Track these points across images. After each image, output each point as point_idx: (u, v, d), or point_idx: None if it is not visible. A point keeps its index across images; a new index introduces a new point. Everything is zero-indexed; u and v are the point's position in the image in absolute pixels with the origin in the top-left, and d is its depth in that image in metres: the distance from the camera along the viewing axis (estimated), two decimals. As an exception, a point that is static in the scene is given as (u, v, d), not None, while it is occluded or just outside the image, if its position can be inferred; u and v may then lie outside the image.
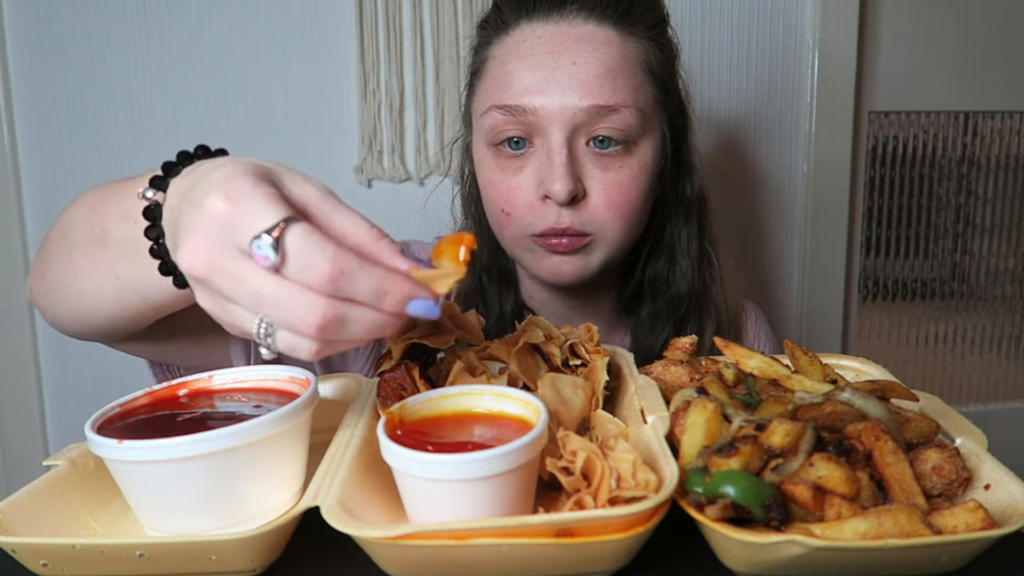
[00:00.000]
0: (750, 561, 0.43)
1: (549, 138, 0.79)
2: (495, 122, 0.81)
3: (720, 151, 1.51)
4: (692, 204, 0.92)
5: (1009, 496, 0.46)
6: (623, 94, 0.79)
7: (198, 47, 1.34)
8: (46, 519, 0.49)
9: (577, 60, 0.78)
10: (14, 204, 1.35)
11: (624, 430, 0.53)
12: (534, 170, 0.80)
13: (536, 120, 0.79)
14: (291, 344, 0.43)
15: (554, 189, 0.77)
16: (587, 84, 0.78)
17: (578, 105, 0.77)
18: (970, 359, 1.77)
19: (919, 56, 1.58)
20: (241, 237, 0.41)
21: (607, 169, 0.80)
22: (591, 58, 0.79)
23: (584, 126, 0.79)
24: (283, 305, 0.41)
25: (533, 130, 0.80)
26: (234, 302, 0.42)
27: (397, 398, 0.55)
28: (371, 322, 0.43)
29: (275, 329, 0.42)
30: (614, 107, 0.78)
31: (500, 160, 0.82)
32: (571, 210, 0.79)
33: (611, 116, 0.78)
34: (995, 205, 1.70)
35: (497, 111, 0.80)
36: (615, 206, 0.81)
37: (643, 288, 0.93)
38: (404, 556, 0.43)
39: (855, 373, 0.66)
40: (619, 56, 0.80)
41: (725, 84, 1.48)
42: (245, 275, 0.41)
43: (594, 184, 0.80)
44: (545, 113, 0.78)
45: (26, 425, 1.43)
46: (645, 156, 0.82)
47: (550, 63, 0.79)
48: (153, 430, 0.49)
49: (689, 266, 0.92)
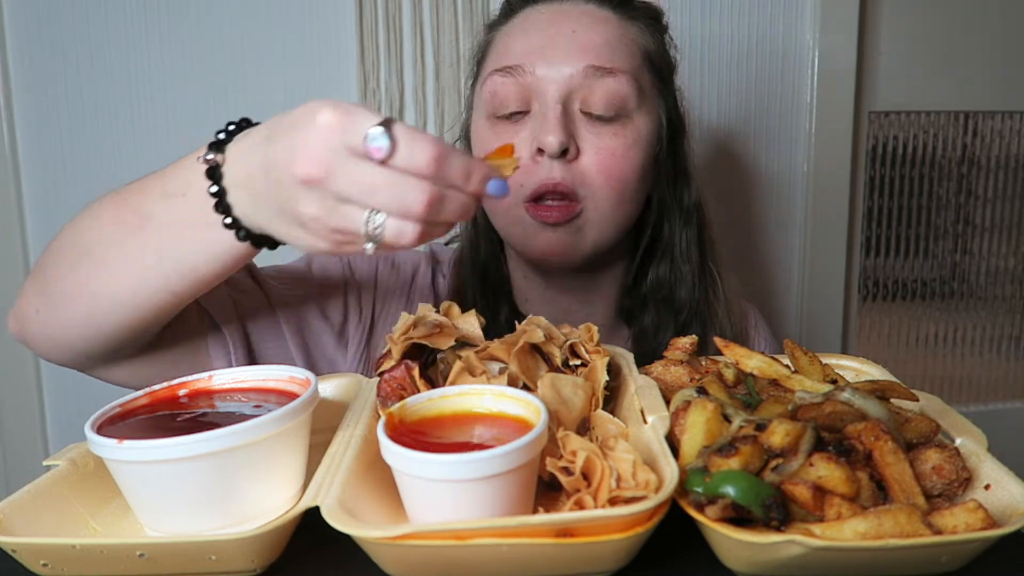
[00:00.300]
0: (750, 561, 0.43)
1: (545, 98, 0.79)
2: (494, 87, 0.82)
3: (720, 151, 1.51)
4: (691, 211, 0.92)
5: (1009, 496, 0.46)
6: (620, 61, 0.80)
7: (198, 47, 1.34)
8: (46, 519, 0.49)
9: (576, 28, 0.81)
10: (14, 204, 1.35)
11: (624, 430, 0.53)
12: (529, 132, 0.81)
13: (534, 82, 0.80)
14: (398, 230, 0.48)
15: (546, 140, 0.77)
16: (585, 48, 0.79)
17: (575, 67, 0.79)
18: (970, 359, 1.77)
19: (919, 56, 1.57)
20: (354, 138, 0.47)
21: (601, 135, 0.80)
22: (590, 28, 0.81)
23: (580, 90, 0.79)
24: (395, 189, 0.47)
25: (530, 93, 0.81)
26: (346, 201, 0.48)
27: (397, 398, 0.55)
28: (461, 203, 0.50)
29: (384, 220, 0.48)
30: (611, 70, 0.79)
31: (498, 128, 0.83)
32: (562, 165, 0.79)
33: (607, 79, 0.79)
34: (995, 205, 1.70)
35: (497, 74, 0.82)
36: (606, 173, 0.80)
37: (645, 296, 0.93)
38: (404, 556, 0.43)
39: (855, 373, 0.66)
40: (618, 33, 0.82)
41: (725, 84, 1.48)
42: (359, 170, 0.47)
43: (587, 146, 0.80)
44: (543, 74, 0.79)
45: (26, 425, 1.43)
46: (640, 131, 0.82)
47: (550, 30, 0.81)
48: (153, 430, 0.49)
49: (690, 272, 0.91)
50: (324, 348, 0.83)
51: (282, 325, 0.80)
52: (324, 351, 0.83)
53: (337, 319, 0.84)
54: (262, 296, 0.79)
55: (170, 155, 0.53)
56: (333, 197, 0.48)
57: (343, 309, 0.84)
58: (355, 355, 0.84)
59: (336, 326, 0.83)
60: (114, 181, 1.41)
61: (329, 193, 0.48)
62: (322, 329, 0.82)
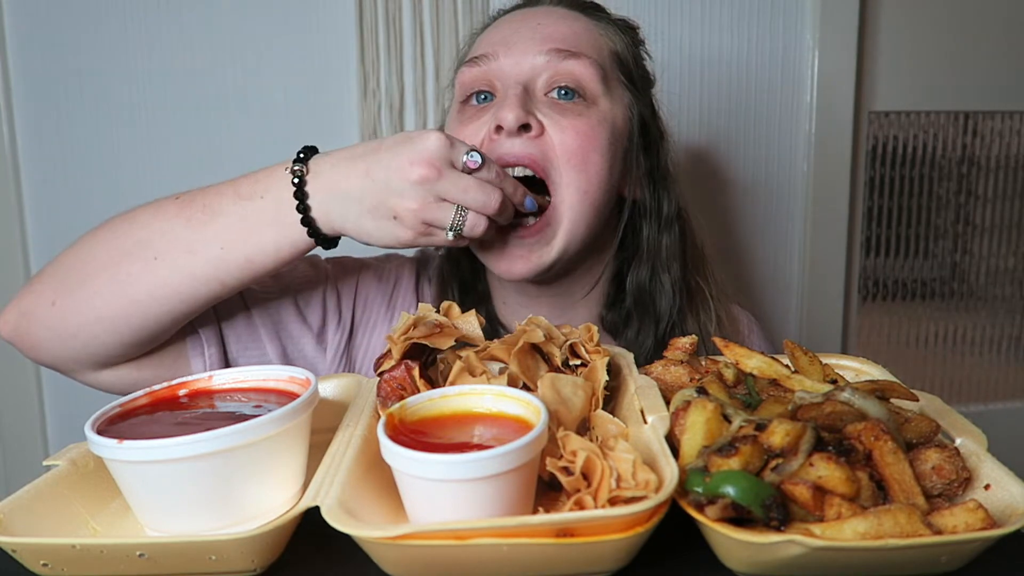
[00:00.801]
0: (750, 561, 0.43)
1: (507, 80, 0.80)
2: (463, 78, 0.84)
3: (720, 151, 1.51)
4: (671, 219, 0.90)
5: (1009, 496, 0.46)
6: (584, 48, 0.82)
7: (198, 46, 1.34)
8: (46, 519, 0.49)
9: (542, 22, 0.83)
10: (14, 204, 1.35)
11: (624, 430, 0.53)
12: (491, 114, 0.80)
13: (498, 68, 0.81)
14: (473, 223, 0.69)
15: (502, 115, 0.77)
16: (549, 36, 0.81)
17: (538, 51, 0.80)
18: (970, 359, 1.77)
19: (919, 56, 1.57)
20: (456, 155, 0.68)
21: (565, 115, 0.79)
22: (557, 21, 0.83)
23: (543, 73, 0.80)
24: (481, 192, 0.68)
25: (496, 79, 0.82)
26: (442, 199, 0.67)
27: (397, 398, 0.55)
28: (509, 209, 0.73)
29: (466, 214, 0.68)
30: (575, 53, 0.80)
31: (466, 113, 0.84)
32: (525, 140, 0.78)
33: (570, 61, 0.80)
34: (995, 205, 1.70)
35: (465, 66, 0.84)
36: (570, 151, 0.78)
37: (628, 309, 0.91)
38: (404, 556, 0.43)
39: (855, 373, 0.66)
40: (585, 28, 0.84)
41: (725, 84, 1.48)
42: (459, 176, 0.67)
43: (550, 123, 0.79)
44: (506, 59, 0.81)
45: (26, 425, 1.43)
46: (605, 115, 0.82)
47: (516, 25, 0.83)
48: (153, 430, 0.49)
49: (669, 281, 0.90)
50: (303, 350, 0.83)
51: (259, 327, 0.80)
52: (303, 352, 0.83)
53: (316, 322, 0.84)
54: (237, 298, 0.80)
55: (170, 155, 0.54)
56: (434, 196, 0.66)
57: (322, 312, 0.84)
58: (334, 358, 0.84)
59: (315, 328, 0.83)
60: (114, 181, 1.42)
61: (432, 192, 0.66)
62: (300, 331, 0.83)
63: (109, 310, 0.69)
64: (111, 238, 0.70)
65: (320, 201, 0.68)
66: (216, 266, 0.69)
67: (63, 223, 1.37)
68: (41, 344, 0.71)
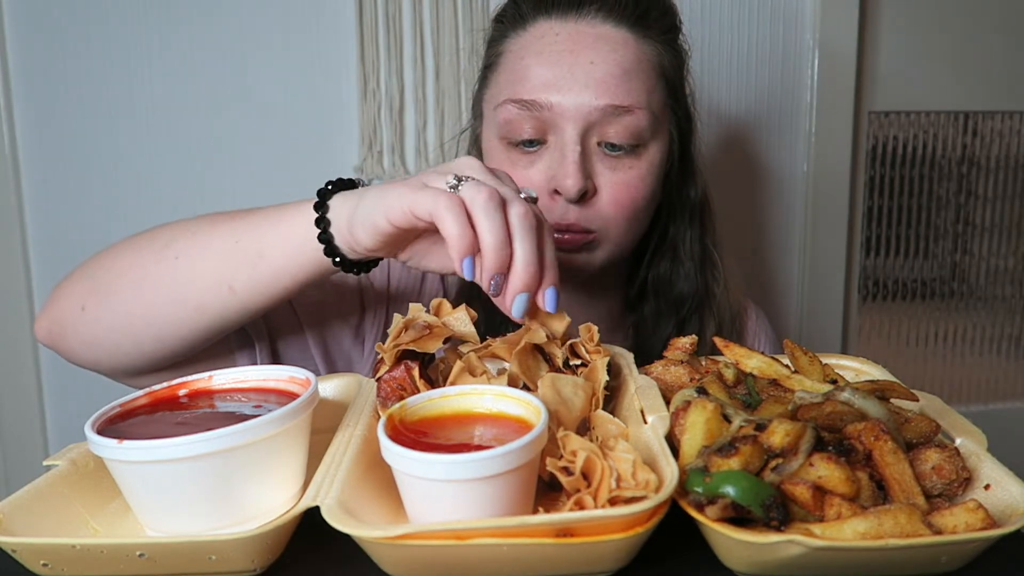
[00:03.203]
0: (750, 561, 0.43)
1: (563, 135, 0.79)
2: (510, 116, 0.81)
3: (720, 151, 1.51)
4: (695, 207, 0.93)
5: (1009, 496, 0.46)
6: (637, 95, 0.80)
7: (198, 46, 1.34)
8: (46, 519, 0.49)
9: (595, 59, 0.79)
10: (14, 204, 1.35)
11: (624, 430, 0.53)
12: (546, 165, 0.81)
13: (551, 116, 0.79)
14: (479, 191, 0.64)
15: (566, 185, 0.78)
16: (603, 83, 0.79)
17: (594, 104, 0.78)
18: (970, 359, 1.77)
19: (919, 56, 1.57)
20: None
21: (616, 170, 0.81)
22: (608, 57, 0.79)
23: (597, 125, 0.79)
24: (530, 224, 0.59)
25: (547, 126, 0.80)
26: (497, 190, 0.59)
27: (397, 398, 0.55)
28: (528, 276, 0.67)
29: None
30: (628, 108, 0.79)
31: (512, 154, 0.83)
32: (578, 207, 0.80)
33: (625, 117, 0.79)
34: (995, 205, 1.70)
35: (512, 104, 0.81)
36: (620, 205, 0.81)
37: (646, 288, 0.94)
38: (404, 556, 0.43)
39: (855, 373, 0.66)
40: (634, 58, 0.81)
41: (725, 84, 1.48)
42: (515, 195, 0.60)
43: (603, 182, 0.81)
44: (561, 110, 0.79)
45: (26, 425, 1.43)
46: (653, 158, 0.83)
47: (568, 60, 0.79)
48: (153, 430, 0.49)
49: (692, 267, 0.92)
50: (342, 345, 0.83)
51: (305, 331, 0.80)
52: (342, 348, 0.83)
53: (354, 317, 0.84)
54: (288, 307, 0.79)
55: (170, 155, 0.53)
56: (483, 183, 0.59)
57: (360, 307, 0.85)
58: (371, 352, 0.84)
59: (353, 324, 0.84)
60: (114, 181, 1.42)
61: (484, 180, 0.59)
62: (341, 328, 0.83)
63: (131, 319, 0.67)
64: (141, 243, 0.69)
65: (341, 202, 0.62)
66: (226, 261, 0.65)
67: (63, 223, 1.37)
68: (75, 351, 0.70)
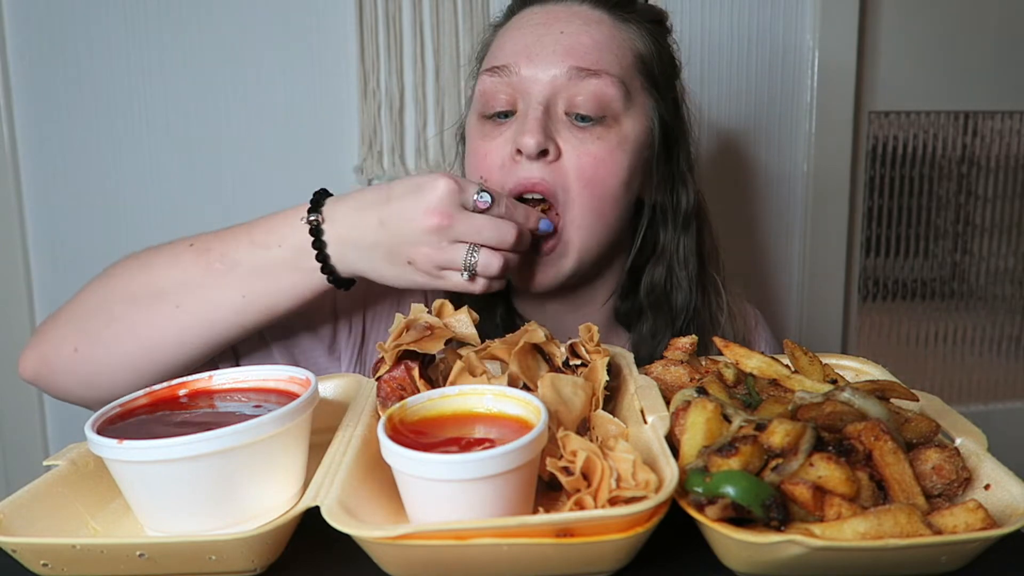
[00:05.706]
0: (750, 561, 0.43)
1: (529, 99, 0.80)
2: (484, 86, 0.83)
3: (720, 151, 1.51)
4: (689, 215, 0.90)
5: (1009, 496, 0.46)
6: (606, 63, 0.80)
7: (199, 47, 1.34)
8: (46, 519, 0.49)
9: (566, 30, 0.81)
10: (14, 204, 1.35)
11: (624, 430, 0.53)
12: (511, 132, 0.81)
13: (520, 82, 0.80)
14: (487, 262, 0.69)
15: (523, 141, 0.77)
16: (571, 48, 0.80)
17: (559, 67, 0.79)
18: (970, 359, 1.77)
19: (919, 56, 1.57)
20: (467, 197, 0.69)
21: (584, 139, 0.80)
22: (580, 29, 0.81)
23: (564, 91, 0.79)
24: (495, 228, 0.69)
25: (517, 93, 0.81)
26: (457, 241, 0.68)
27: (397, 398, 0.55)
28: (526, 239, 0.74)
29: (479, 254, 0.69)
30: (596, 71, 0.79)
31: (485, 127, 0.83)
32: (542, 166, 0.79)
33: (591, 80, 0.79)
34: (995, 205, 1.70)
35: (486, 74, 0.83)
36: (587, 176, 0.79)
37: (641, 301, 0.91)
38: (404, 556, 0.43)
39: (855, 373, 0.66)
40: (608, 35, 0.82)
41: (725, 84, 1.48)
42: (471, 218, 0.68)
43: (569, 148, 0.79)
44: (527, 74, 0.80)
45: (26, 425, 1.43)
46: (625, 134, 0.81)
47: (540, 31, 0.82)
48: (153, 430, 0.49)
49: (687, 278, 0.90)
50: (316, 362, 0.83)
51: (271, 345, 0.80)
52: (316, 365, 0.83)
53: (326, 334, 0.83)
54: None
55: (170, 155, 0.53)
56: (448, 239, 0.68)
57: (332, 323, 0.84)
58: (348, 367, 0.84)
59: (326, 341, 0.83)
60: (114, 181, 1.42)
61: (446, 237, 0.68)
62: (311, 345, 0.82)
63: (131, 357, 0.71)
64: (129, 285, 0.72)
65: (337, 248, 0.70)
66: (238, 312, 0.71)
67: (63, 223, 1.37)
68: (66, 388, 0.74)
